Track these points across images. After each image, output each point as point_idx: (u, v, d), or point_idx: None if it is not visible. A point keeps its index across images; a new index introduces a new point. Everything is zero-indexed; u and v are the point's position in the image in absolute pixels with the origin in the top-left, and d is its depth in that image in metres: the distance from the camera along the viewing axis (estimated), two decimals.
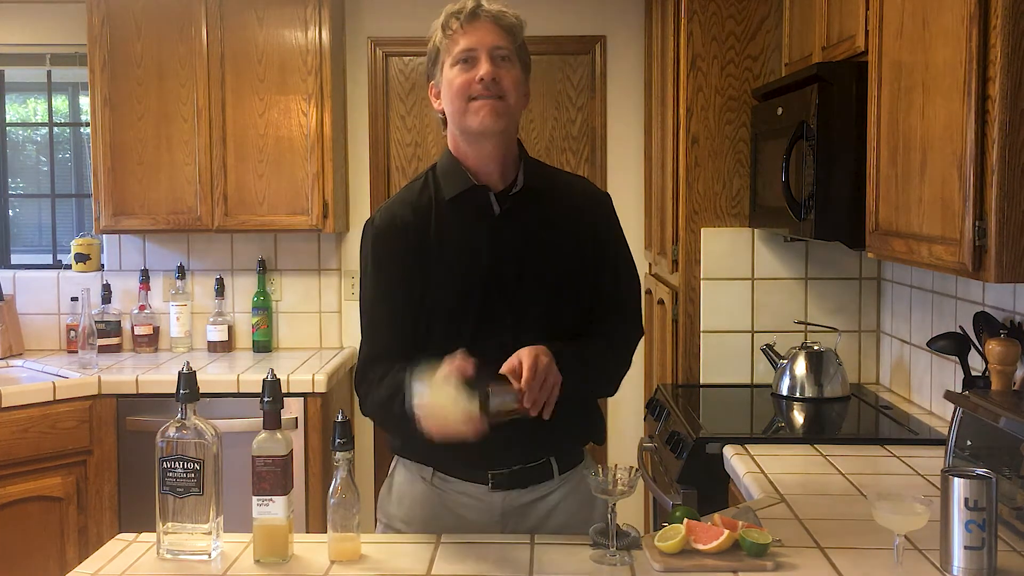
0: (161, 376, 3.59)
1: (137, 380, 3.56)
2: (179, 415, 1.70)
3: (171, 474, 1.69)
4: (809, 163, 2.49)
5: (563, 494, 1.94)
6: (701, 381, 3.25)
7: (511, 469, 1.90)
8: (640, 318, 2.05)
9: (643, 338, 4.15)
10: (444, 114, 1.91)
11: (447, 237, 1.88)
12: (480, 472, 1.90)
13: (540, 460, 1.92)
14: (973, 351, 2.38)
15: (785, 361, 3.01)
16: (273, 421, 1.71)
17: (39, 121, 4.63)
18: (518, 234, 1.88)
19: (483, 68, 1.82)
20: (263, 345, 4.09)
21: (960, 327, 2.44)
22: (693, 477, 2.51)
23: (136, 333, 4.08)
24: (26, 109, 4.79)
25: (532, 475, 1.92)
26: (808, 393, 2.95)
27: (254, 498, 1.69)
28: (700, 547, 1.64)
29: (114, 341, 4.04)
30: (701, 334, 3.25)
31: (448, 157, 1.93)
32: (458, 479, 1.92)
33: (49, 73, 4.32)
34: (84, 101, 4.34)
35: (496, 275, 1.86)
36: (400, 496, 1.97)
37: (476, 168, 1.89)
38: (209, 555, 1.71)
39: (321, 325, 4.20)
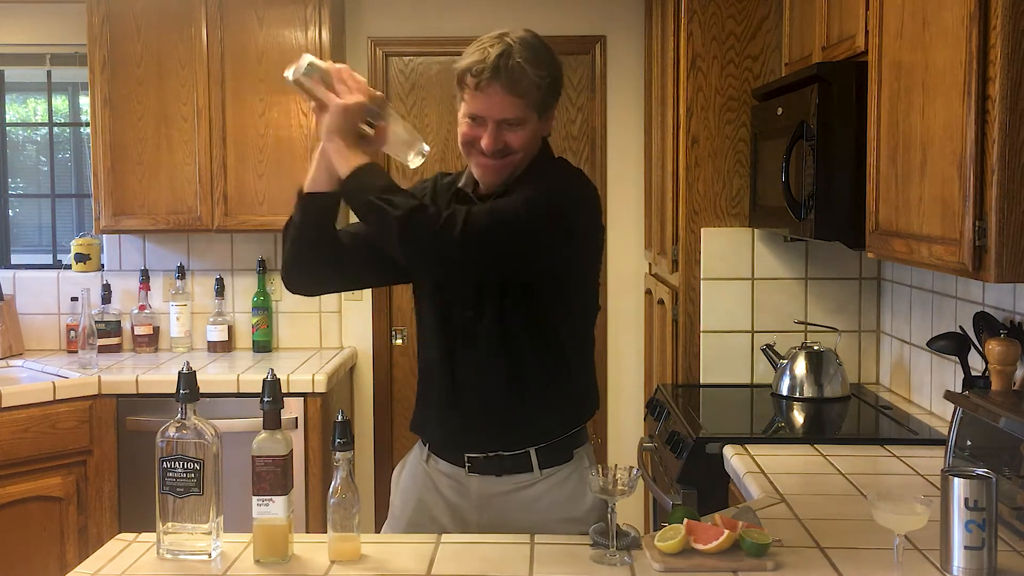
0: (161, 376, 3.59)
1: (137, 380, 3.56)
2: (179, 415, 1.70)
3: (171, 474, 1.69)
4: (809, 163, 2.49)
5: (544, 489, 1.95)
6: (701, 381, 3.25)
7: (486, 455, 1.95)
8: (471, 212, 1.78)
9: (643, 338, 4.18)
10: None
11: None
12: (458, 454, 1.97)
13: (518, 450, 1.94)
14: (973, 351, 2.38)
15: (785, 361, 3.01)
16: (273, 421, 1.71)
17: (39, 121, 4.63)
18: None
19: (486, 139, 1.86)
20: (263, 345, 4.09)
21: (960, 327, 2.44)
22: (693, 477, 2.51)
23: (136, 333, 4.08)
24: (26, 109, 4.79)
25: (508, 464, 1.95)
26: (808, 393, 2.95)
27: (254, 498, 1.69)
28: (700, 547, 1.64)
29: (114, 341, 4.04)
30: (701, 334, 3.24)
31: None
32: (444, 459, 2.00)
33: (49, 73, 4.32)
34: (84, 101, 4.34)
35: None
36: (405, 476, 2.09)
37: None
38: (209, 555, 1.71)
39: (321, 325, 4.20)
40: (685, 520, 1.69)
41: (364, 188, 1.79)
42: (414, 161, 1.92)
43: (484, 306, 1.92)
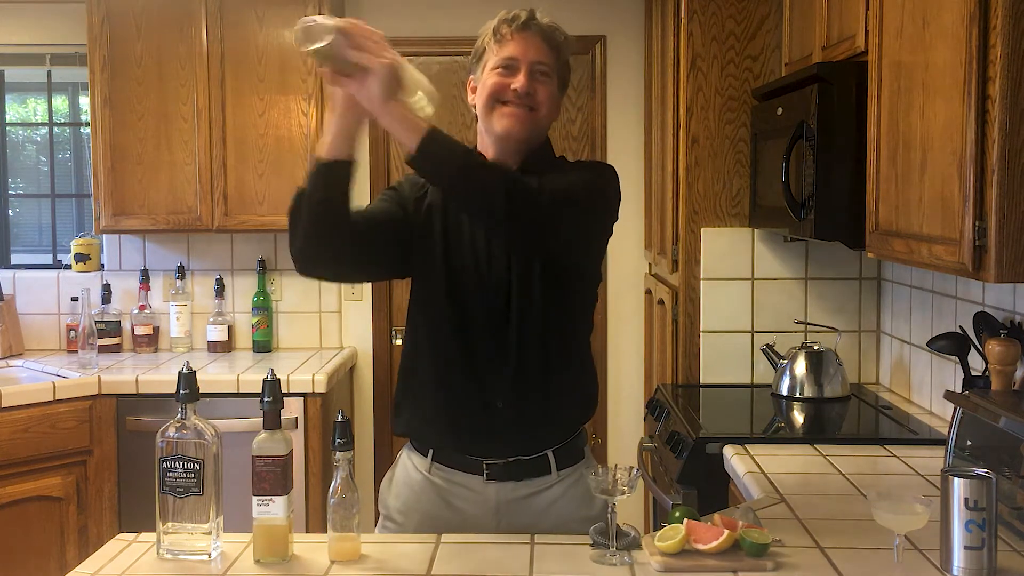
0: (161, 376, 3.59)
1: (137, 380, 3.56)
2: (179, 415, 1.70)
3: (171, 474, 1.69)
4: (809, 163, 2.50)
5: (561, 490, 1.95)
6: (701, 381, 3.25)
7: (506, 461, 1.92)
8: (544, 189, 1.79)
9: (643, 338, 4.18)
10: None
11: (442, 212, 1.94)
12: (476, 462, 1.92)
13: (537, 454, 1.93)
14: (973, 351, 2.38)
15: (785, 361, 3.01)
16: (273, 421, 1.71)
17: (39, 121, 4.63)
18: None
19: (519, 80, 1.89)
20: (263, 345, 4.09)
21: (960, 327, 2.45)
22: (693, 477, 2.51)
23: (136, 333, 4.08)
24: (26, 109, 4.79)
25: (528, 469, 1.93)
26: (808, 393, 2.95)
27: (254, 498, 1.69)
28: (700, 547, 1.64)
29: (114, 341, 4.04)
30: (701, 334, 3.25)
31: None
32: (455, 469, 1.94)
33: (49, 73, 4.32)
34: (84, 101, 4.34)
35: (488, 251, 1.92)
36: (399, 488, 2.00)
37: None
38: (209, 555, 1.71)
39: (321, 325, 4.20)
40: (685, 520, 1.68)
41: (449, 152, 1.71)
42: (430, 107, 1.78)
43: (514, 303, 1.89)
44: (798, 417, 2.90)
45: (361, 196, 4.45)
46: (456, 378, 1.92)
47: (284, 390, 2.71)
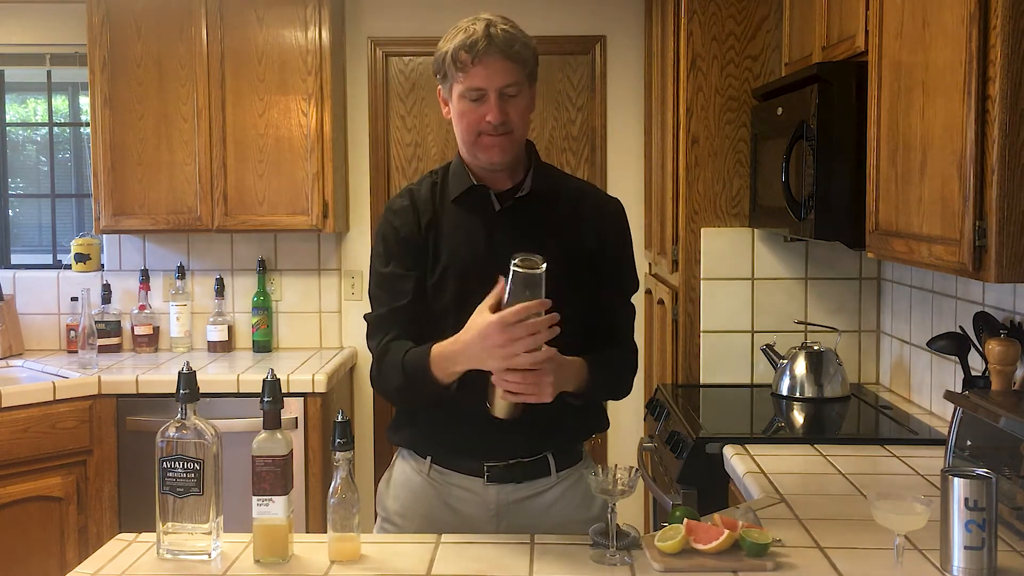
0: (161, 376, 3.59)
1: (137, 380, 3.56)
2: (179, 415, 1.70)
3: (171, 474, 1.69)
4: (809, 163, 2.50)
5: (560, 492, 1.95)
6: (701, 381, 3.25)
7: (507, 463, 1.92)
8: (632, 340, 2.09)
9: (643, 338, 4.17)
10: None
11: (449, 236, 1.92)
12: (476, 465, 1.92)
13: (537, 456, 1.93)
14: (973, 351, 2.38)
15: (785, 361, 3.01)
16: (273, 421, 1.71)
17: (39, 121, 4.63)
18: (517, 234, 1.90)
19: (492, 112, 1.85)
20: (263, 345, 4.09)
21: (960, 327, 2.44)
22: (693, 477, 2.51)
23: (136, 333, 4.08)
24: (26, 109, 4.79)
25: (528, 470, 1.93)
26: (808, 393, 2.95)
27: (254, 498, 1.69)
28: (700, 547, 1.64)
29: (114, 341, 4.04)
30: (701, 334, 3.24)
31: (457, 159, 1.98)
32: (454, 471, 1.94)
33: (49, 73, 4.32)
34: (84, 101, 4.34)
35: (494, 273, 1.82)
36: (397, 489, 2.00)
37: (482, 174, 1.95)
38: (209, 555, 1.71)
39: (321, 325, 4.20)
40: (685, 520, 1.69)
41: (606, 380, 2.03)
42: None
43: None
44: (798, 417, 2.90)
45: (361, 194, 4.42)
46: (458, 393, 1.87)
47: (284, 390, 2.71)
